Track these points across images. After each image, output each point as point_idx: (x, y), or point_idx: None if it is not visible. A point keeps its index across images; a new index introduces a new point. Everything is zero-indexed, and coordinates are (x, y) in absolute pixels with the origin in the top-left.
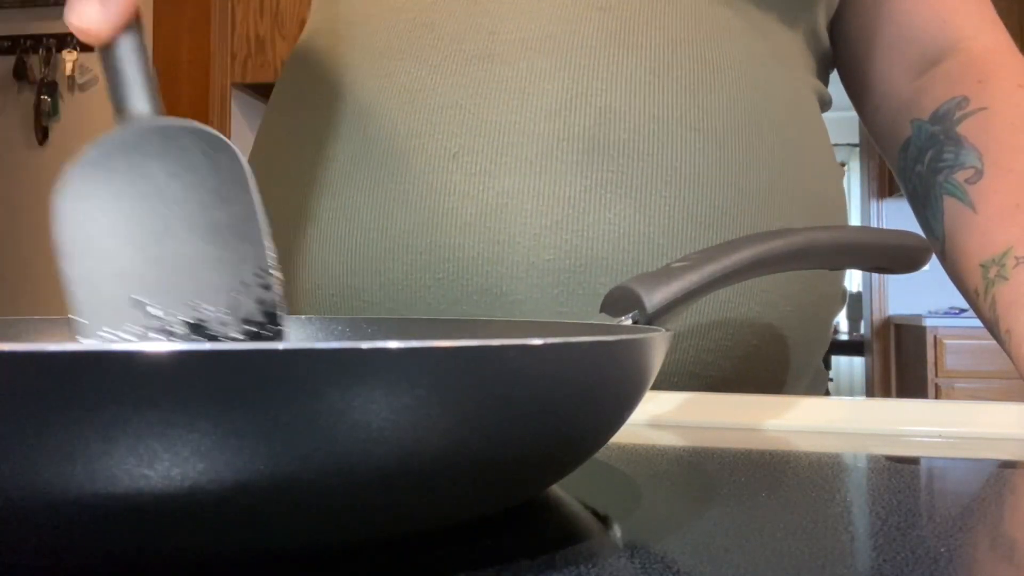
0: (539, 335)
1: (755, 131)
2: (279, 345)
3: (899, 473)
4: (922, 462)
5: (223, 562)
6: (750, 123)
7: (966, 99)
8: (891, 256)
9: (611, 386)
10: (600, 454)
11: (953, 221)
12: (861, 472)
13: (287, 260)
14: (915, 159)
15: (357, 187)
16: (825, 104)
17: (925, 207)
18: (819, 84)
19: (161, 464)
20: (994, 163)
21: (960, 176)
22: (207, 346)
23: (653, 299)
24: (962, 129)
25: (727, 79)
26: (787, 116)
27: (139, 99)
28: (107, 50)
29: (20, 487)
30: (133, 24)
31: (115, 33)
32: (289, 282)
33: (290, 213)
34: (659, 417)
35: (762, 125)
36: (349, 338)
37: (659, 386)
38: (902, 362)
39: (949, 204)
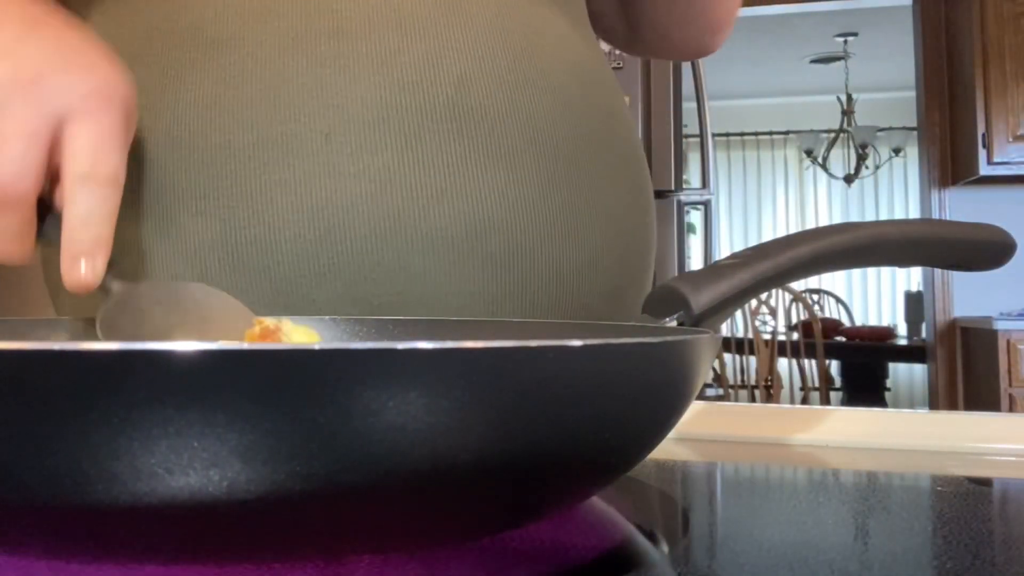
0: (579, 337)
1: (581, 84)
2: (315, 346)
3: (969, 495)
4: (995, 483)
5: (257, 563)
6: (577, 79)
7: None
8: (968, 252)
9: (654, 390)
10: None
11: None
12: (921, 492)
13: (141, 265)
14: None
15: (225, 185)
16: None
17: None
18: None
19: (200, 462)
20: None
21: None
22: (245, 346)
23: (700, 299)
24: None
25: (550, 43)
26: (601, 72)
27: None
28: None
29: (61, 485)
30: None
31: None
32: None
33: (141, 221)
34: (712, 430)
35: (585, 80)
36: (375, 339)
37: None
38: (970, 370)
39: None
